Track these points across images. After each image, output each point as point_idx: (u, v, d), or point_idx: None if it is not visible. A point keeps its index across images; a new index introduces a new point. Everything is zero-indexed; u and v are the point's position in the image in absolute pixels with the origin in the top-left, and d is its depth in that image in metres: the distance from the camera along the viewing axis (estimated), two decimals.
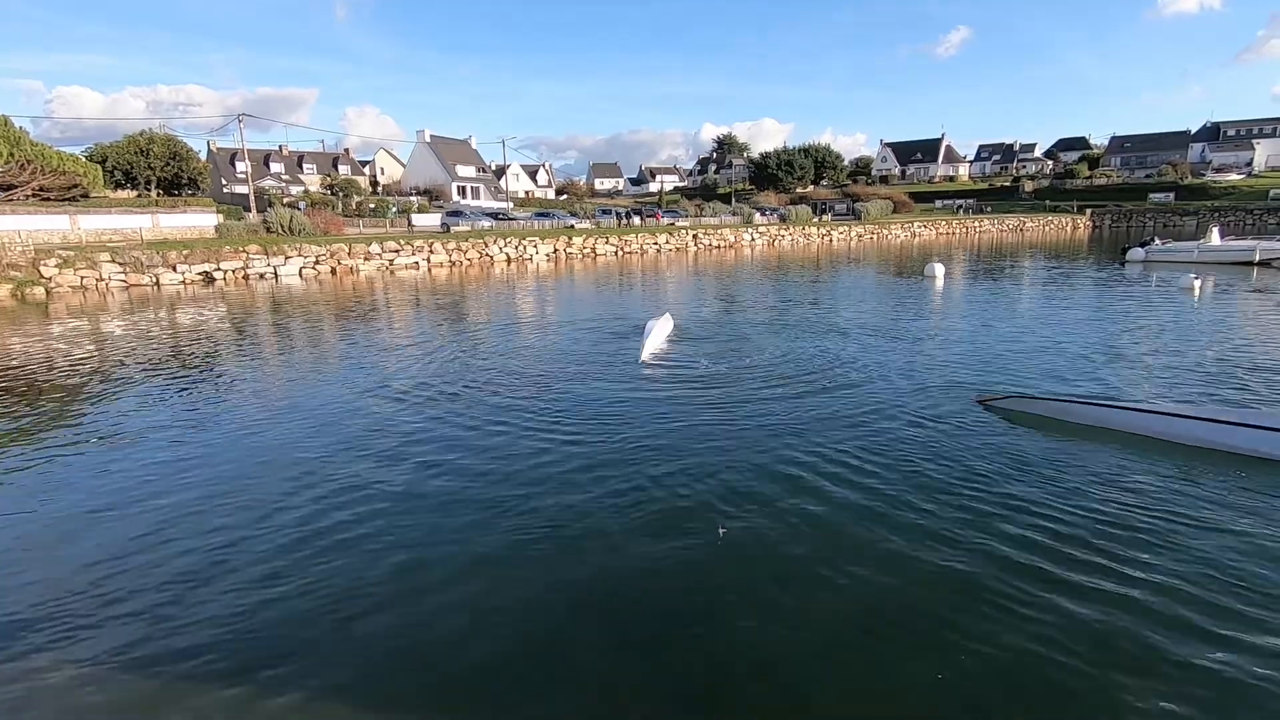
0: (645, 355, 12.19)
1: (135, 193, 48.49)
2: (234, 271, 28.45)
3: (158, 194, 47.38)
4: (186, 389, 10.60)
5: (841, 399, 9.09)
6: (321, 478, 6.82)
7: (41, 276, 24.28)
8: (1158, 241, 31.02)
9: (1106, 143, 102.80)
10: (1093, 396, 8.72)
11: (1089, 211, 72.50)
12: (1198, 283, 19.68)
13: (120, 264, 25.95)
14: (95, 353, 13.54)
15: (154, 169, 50.07)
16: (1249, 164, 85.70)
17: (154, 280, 26.43)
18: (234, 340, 14.89)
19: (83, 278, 25.14)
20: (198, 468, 7.20)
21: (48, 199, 35.26)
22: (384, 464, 7.15)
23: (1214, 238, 28.96)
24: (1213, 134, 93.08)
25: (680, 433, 7.82)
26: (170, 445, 7.93)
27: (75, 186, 37.37)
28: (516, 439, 7.80)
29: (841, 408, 8.68)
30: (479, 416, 8.71)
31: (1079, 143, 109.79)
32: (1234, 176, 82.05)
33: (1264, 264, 25.61)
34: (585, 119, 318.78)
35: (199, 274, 27.54)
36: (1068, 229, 66.67)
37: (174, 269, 27.04)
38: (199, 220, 37.84)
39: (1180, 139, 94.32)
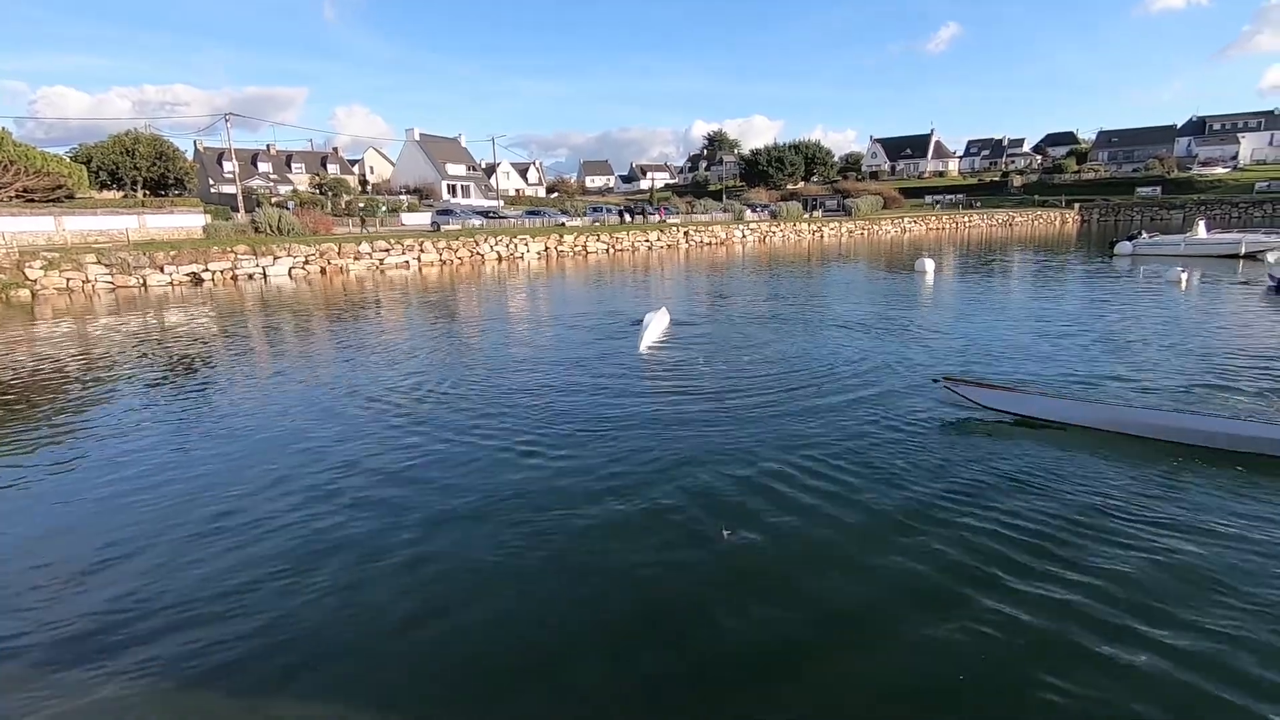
0: (643, 347, 12.33)
1: (121, 193, 48.07)
2: (222, 272, 28.22)
3: (144, 194, 46.98)
4: (177, 392, 10.51)
5: (838, 395, 9.13)
6: (312, 478, 6.78)
7: (26, 279, 23.99)
8: (1145, 235, 31.32)
9: (1094, 137, 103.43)
10: (1048, 388, 8.73)
11: (1077, 206, 72.90)
12: (1184, 275, 19.86)
13: (106, 265, 25.67)
14: (81, 356, 13.41)
15: (140, 169, 49.63)
16: (1234, 158, 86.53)
17: (141, 282, 26.17)
18: (224, 343, 14.78)
19: (68, 280, 24.86)
20: (188, 471, 7.14)
21: (32, 200, 34.90)
22: (376, 463, 7.11)
23: (1200, 231, 29.26)
24: (1198, 128, 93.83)
25: (680, 430, 7.80)
26: (160, 447, 7.86)
27: (60, 187, 37.00)
28: (515, 436, 7.78)
29: (838, 403, 8.71)
30: (475, 414, 8.68)
31: (1067, 138, 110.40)
32: (1219, 170, 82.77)
33: (1249, 256, 25.89)
34: (576, 116, 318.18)
35: (187, 275, 27.30)
36: (1056, 223, 67.10)
37: (161, 270, 26.78)
38: (186, 221, 37.53)
39: (1166, 133, 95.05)
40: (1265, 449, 6.40)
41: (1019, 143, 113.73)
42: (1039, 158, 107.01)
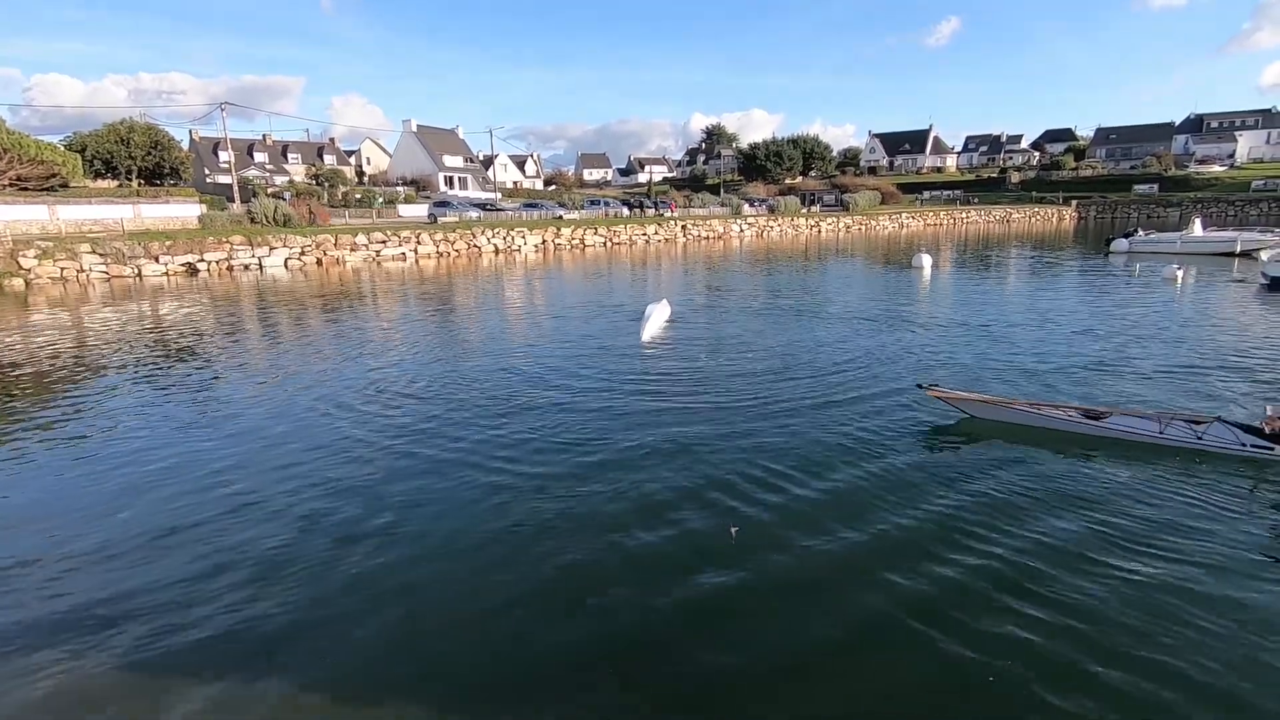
0: (645, 338, 12.41)
1: (116, 182, 47.67)
2: (218, 263, 28.08)
3: (139, 184, 46.63)
4: (167, 383, 10.47)
5: (834, 395, 9.18)
6: (310, 472, 6.77)
7: (20, 268, 23.84)
8: (1141, 233, 31.40)
9: (1092, 134, 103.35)
10: (1034, 394, 8.63)
11: (1074, 203, 72.94)
12: (1180, 273, 19.92)
13: (101, 255, 25.53)
14: (73, 346, 13.35)
15: (135, 158, 49.25)
16: (1231, 156, 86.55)
17: (136, 272, 26.03)
18: (217, 334, 14.72)
19: (62, 269, 24.72)
20: (173, 462, 7.13)
21: (26, 188, 34.61)
22: (373, 458, 7.10)
23: (1196, 229, 29.35)
24: (1196, 126, 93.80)
25: (682, 429, 7.75)
26: (146, 438, 7.84)
27: (54, 176, 36.72)
28: (512, 431, 7.78)
29: (835, 404, 8.74)
30: (471, 409, 8.67)
31: (1065, 134, 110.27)
32: (1217, 168, 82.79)
33: (1245, 255, 25.96)
34: (574, 109, 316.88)
35: (182, 265, 27.16)
36: (1054, 220, 67.18)
37: (156, 260, 26.64)
38: (182, 210, 37.28)
39: (1164, 131, 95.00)
40: (1250, 452, 6.39)
41: (1017, 139, 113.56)
42: (1037, 154, 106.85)
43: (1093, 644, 3.93)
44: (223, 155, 66.70)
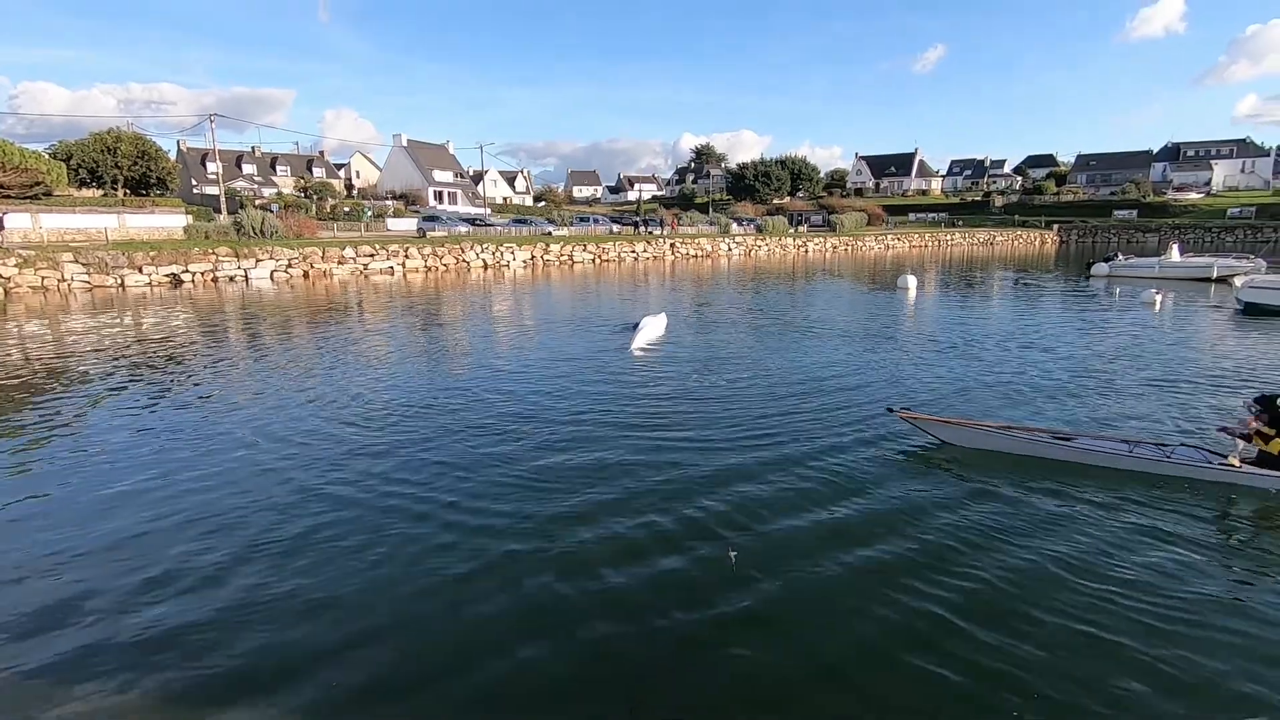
0: (635, 348, 12.43)
1: (101, 192, 47.31)
2: (203, 274, 27.85)
3: (124, 193, 46.29)
4: (150, 398, 10.33)
5: (824, 414, 9.23)
6: (295, 487, 6.68)
7: (0, 276, 23.53)
8: (1121, 257, 32.05)
9: (1073, 160, 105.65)
10: (1005, 418, 8.62)
11: (1056, 227, 74.44)
12: (1158, 297, 20.31)
13: (84, 264, 25.24)
14: (52, 356, 13.14)
15: (121, 168, 48.90)
16: (1208, 184, 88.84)
17: (119, 282, 25.74)
18: (201, 347, 14.56)
19: (44, 278, 24.39)
20: (163, 482, 7.01)
21: (8, 196, 34.27)
22: (361, 473, 7.02)
23: (1174, 254, 30.00)
24: (1173, 154, 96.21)
25: (669, 453, 7.68)
26: (131, 456, 7.72)
27: (38, 184, 36.39)
28: (502, 452, 7.74)
29: (820, 431, 8.72)
30: (456, 429, 8.62)
31: (1047, 160, 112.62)
32: (1193, 195, 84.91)
33: (1220, 280, 26.54)
34: (565, 126, 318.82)
35: (166, 276, 26.90)
36: (1036, 243, 68.34)
37: (140, 270, 26.37)
38: (167, 221, 37.06)
39: (1143, 158, 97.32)
40: (1216, 473, 6.47)
41: (1000, 163, 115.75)
42: (1020, 179, 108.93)
43: (1068, 670, 3.95)
44: (210, 166, 66.43)
